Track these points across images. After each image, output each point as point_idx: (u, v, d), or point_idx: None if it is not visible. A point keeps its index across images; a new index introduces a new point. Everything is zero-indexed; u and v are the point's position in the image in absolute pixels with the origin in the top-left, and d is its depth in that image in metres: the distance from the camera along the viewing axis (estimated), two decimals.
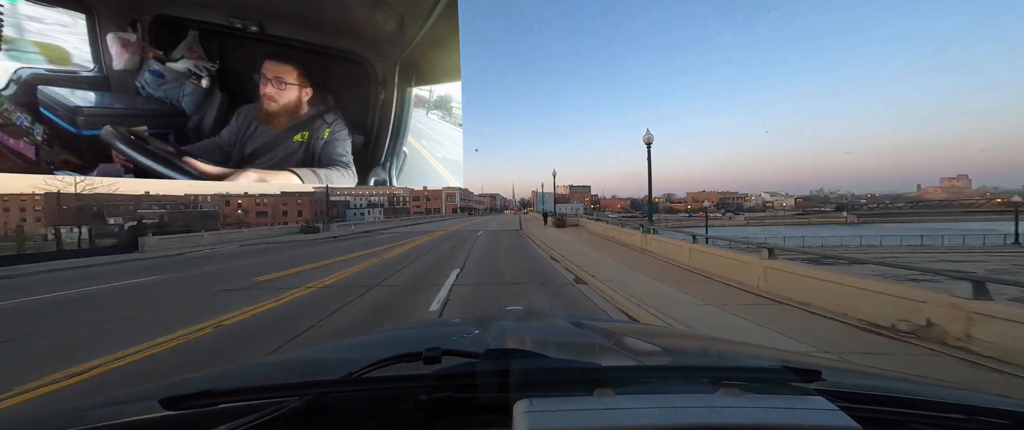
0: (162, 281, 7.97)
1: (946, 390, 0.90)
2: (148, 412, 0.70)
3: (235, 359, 3.53)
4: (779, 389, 0.72)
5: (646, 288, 6.33)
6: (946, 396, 0.79)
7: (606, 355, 1.09)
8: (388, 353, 0.82)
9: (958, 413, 0.68)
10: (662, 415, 0.56)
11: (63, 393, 2.95)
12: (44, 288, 7.70)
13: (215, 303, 5.55)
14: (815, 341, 3.85)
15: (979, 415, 0.68)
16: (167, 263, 11.30)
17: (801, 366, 0.82)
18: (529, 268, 9.11)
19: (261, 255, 12.64)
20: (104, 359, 3.47)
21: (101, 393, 0.96)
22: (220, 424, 0.60)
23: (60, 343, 4.05)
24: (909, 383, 0.97)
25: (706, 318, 4.63)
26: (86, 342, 4.00)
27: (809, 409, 0.58)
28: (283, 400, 0.65)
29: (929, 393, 0.82)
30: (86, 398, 0.95)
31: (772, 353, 1.28)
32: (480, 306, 5.18)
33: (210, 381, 1.02)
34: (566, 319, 1.66)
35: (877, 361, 3.44)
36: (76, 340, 4.12)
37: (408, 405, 0.70)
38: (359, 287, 6.65)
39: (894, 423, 0.67)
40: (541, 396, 0.60)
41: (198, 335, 4.04)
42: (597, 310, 5.24)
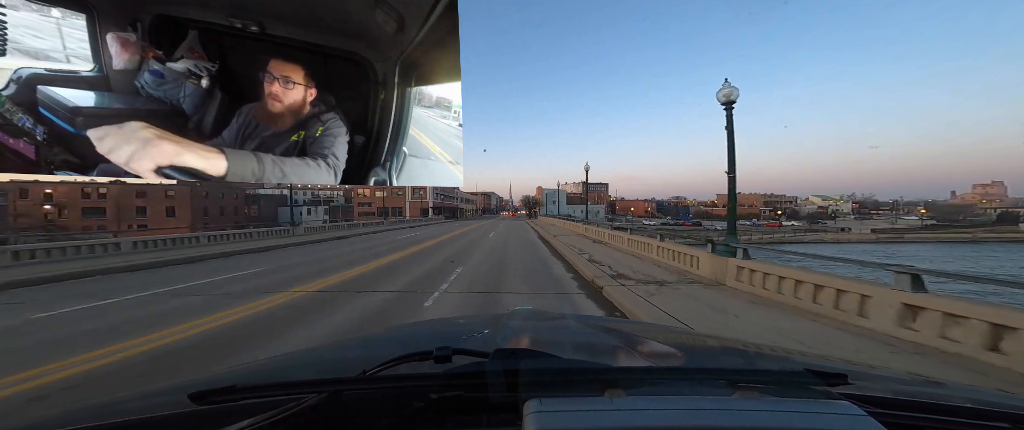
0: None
1: (981, 395, 0.84)
2: (177, 406, 0.72)
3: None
4: (800, 393, 0.69)
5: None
6: (984, 402, 0.74)
7: (617, 355, 1.09)
8: (401, 351, 0.83)
9: (1002, 421, 0.62)
10: (676, 417, 0.54)
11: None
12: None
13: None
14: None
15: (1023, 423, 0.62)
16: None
17: (826, 368, 0.77)
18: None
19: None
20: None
21: (134, 386, 0.97)
22: (243, 418, 0.62)
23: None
24: (940, 388, 0.92)
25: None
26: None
27: (836, 414, 0.55)
28: (302, 396, 0.67)
29: (965, 399, 0.77)
30: (116, 392, 0.96)
31: (792, 355, 1.24)
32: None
33: (236, 376, 1.04)
34: (576, 319, 1.67)
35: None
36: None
37: (419, 403, 0.71)
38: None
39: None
40: (551, 396, 0.61)
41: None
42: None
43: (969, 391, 0.90)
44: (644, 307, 6.13)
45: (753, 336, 4.64)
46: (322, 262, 12.20)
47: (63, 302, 6.91)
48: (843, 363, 1.06)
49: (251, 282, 8.76)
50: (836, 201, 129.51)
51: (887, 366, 2.79)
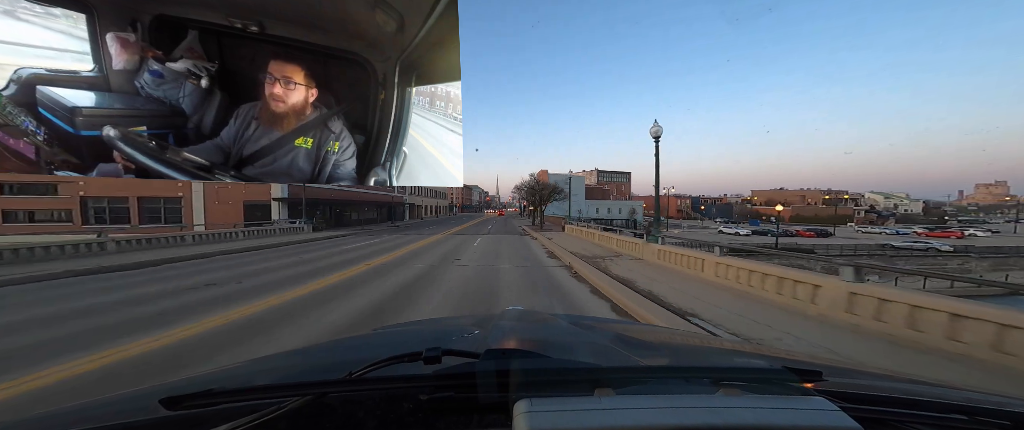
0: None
1: (947, 391, 0.91)
2: (149, 412, 0.70)
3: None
4: (780, 389, 0.72)
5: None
6: (947, 396, 0.80)
7: (606, 355, 1.09)
8: (388, 352, 0.82)
9: (959, 414, 0.68)
10: (662, 415, 0.56)
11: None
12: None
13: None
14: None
15: (980, 416, 0.68)
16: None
17: (802, 366, 0.83)
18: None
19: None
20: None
21: (102, 392, 0.95)
22: (220, 424, 0.60)
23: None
24: (910, 383, 0.98)
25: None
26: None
27: (810, 409, 0.59)
28: (284, 400, 0.65)
29: (930, 393, 0.82)
30: (87, 397, 0.94)
31: (775, 354, 1.27)
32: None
33: (211, 380, 1.02)
34: (566, 319, 1.66)
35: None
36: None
37: (408, 405, 0.70)
38: None
39: (895, 423, 0.67)
40: (541, 396, 0.61)
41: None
42: None
43: (939, 387, 0.94)
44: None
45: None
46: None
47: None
48: (824, 362, 1.11)
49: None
50: (901, 199, 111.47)
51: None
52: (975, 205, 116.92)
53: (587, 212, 51.63)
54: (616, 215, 59.72)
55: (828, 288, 6.03)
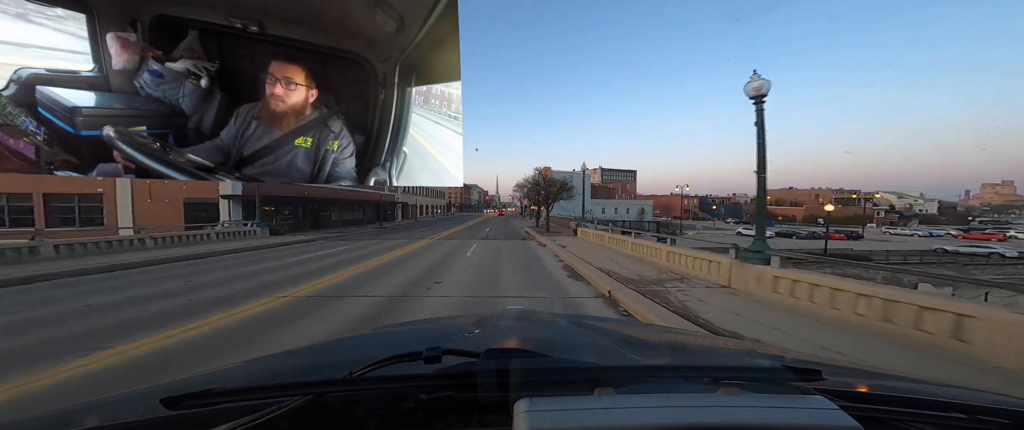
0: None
1: (946, 389, 0.91)
2: (149, 412, 0.70)
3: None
4: (780, 388, 0.72)
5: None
6: (946, 395, 0.80)
7: (606, 354, 1.09)
8: (389, 352, 0.82)
9: (958, 413, 0.68)
10: (662, 414, 0.56)
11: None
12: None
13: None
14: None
15: (979, 414, 0.68)
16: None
17: (802, 365, 0.83)
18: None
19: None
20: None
21: (103, 392, 0.95)
22: (220, 423, 0.60)
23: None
24: (909, 382, 0.98)
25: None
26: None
27: (809, 408, 0.59)
28: (284, 400, 0.65)
29: (929, 392, 0.82)
30: (89, 397, 0.94)
31: (774, 352, 1.27)
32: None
33: (211, 380, 1.02)
34: (566, 318, 1.66)
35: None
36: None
37: (409, 404, 0.70)
38: None
39: (894, 422, 0.67)
40: (541, 396, 0.60)
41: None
42: None
43: (939, 386, 0.94)
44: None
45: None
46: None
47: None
48: (827, 362, 1.11)
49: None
50: (915, 199, 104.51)
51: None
52: (987, 205, 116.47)
53: (594, 212, 46.02)
54: (624, 215, 56.29)
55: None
